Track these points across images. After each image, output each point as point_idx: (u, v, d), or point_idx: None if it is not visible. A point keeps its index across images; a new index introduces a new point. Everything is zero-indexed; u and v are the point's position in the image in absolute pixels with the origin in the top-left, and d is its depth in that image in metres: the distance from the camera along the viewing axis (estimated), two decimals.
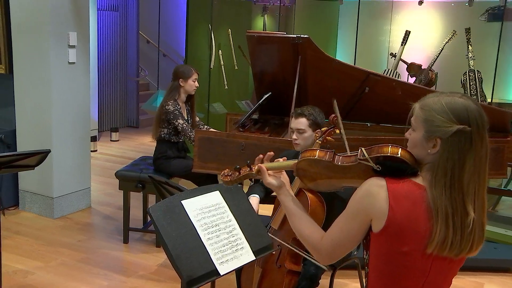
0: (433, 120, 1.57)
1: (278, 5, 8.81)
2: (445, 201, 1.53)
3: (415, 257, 1.57)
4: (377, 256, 1.64)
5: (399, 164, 1.60)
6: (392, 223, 1.55)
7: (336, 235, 1.67)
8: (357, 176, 1.65)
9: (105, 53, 8.97)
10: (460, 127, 1.53)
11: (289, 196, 1.84)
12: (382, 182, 1.58)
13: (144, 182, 4.42)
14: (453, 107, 1.56)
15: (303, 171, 1.78)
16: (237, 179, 1.92)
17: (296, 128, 3.23)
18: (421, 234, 1.55)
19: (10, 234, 4.69)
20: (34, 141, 5.07)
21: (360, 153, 1.63)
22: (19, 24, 5.00)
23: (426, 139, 1.58)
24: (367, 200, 1.59)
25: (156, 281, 3.99)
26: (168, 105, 4.45)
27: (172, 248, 2.10)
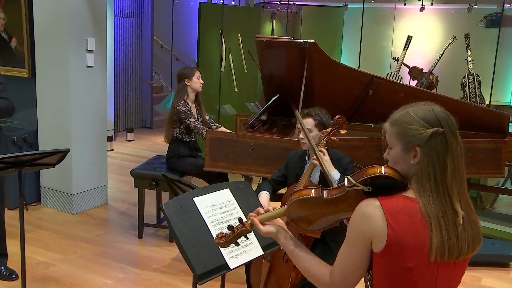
0: (406, 132, 1.55)
1: (285, 11, 8.81)
2: (434, 206, 1.49)
3: (421, 270, 1.51)
4: (382, 275, 1.55)
5: (388, 181, 1.55)
6: (393, 241, 1.48)
7: (343, 265, 1.58)
8: (350, 206, 1.58)
9: (121, 57, 9.00)
10: (434, 130, 1.51)
11: (289, 238, 1.72)
12: (376, 202, 1.51)
13: (157, 180, 4.43)
14: (421, 114, 1.55)
15: (296, 215, 1.67)
16: (232, 238, 1.77)
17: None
18: (422, 246, 1.49)
19: (32, 228, 4.72)
20: (55, 140, 5.09)
21: (347, 181, 1.56)
22: (41, 31, 5.03)
23: (406, 152, 1.55)
24: (364, 223, 1.51)
25: (169, 274, 4.00)
26: (179, 105, 4.46)
27: (184, 243, 2.10)
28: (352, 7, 8.79)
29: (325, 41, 7.69)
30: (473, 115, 4.31)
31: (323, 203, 1.62)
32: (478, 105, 6.14)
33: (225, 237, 1.78)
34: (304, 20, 9.28)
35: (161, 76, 10.08)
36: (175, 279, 3.91)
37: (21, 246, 3.22)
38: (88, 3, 4.97)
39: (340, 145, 3.50)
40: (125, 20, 8.96)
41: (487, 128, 4.36)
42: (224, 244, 1.81)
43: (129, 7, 9.05)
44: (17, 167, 3.12)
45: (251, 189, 2.48)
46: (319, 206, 1.63)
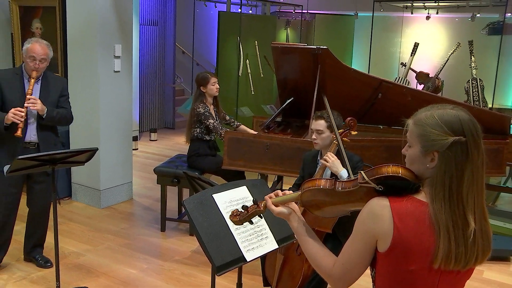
0: (428, 135, 1.42)
1: (299, 19, 8.80)
2: (445, 215, 1.38)
3: (423, 274, 1.42)
4: (384, 275, 1.48)
5: (400, 182, 1.45)
6: (398, 243, 1.40)
7: (346, 259, 1.51)
8: (361, 199, 1.50)
9: (146, 62, 9.04)
10: (456, 139, 1.38)
11: (300, 222, 1.65)
12: (385, 202, 1.42)
13: (179, 177, 4.45)
14: (446, 120, 1.41)
15: (308, 201, 1.62)
16: (246, 217, 1.75)
17: (315, 129, 3.21)
18: (427, 251, 1.39)
19: (64, 220, 4.76)
20: (84, 140, 5.13)
21: (360, 177, 1.48)
22: (73, 39, 5.07)
23: (424, 154, 1.43)
24: (371, 221, 1.43)
25: (189, 265, 4.01)
26: (198, 107, 4.48)
27: (204, 237, 2.11)
28: (362, 16, 8.75)
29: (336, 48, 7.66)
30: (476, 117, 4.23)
31: (335, 194, 1.56)
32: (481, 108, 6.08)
33: (239, 216, 1.77)
34: (317, 28, 9.25)
35: (183, 80, 10.11)
36: (195, 270, 3.92)
37: (54, 237, 3.27)
38: (116, 13, 5.00)
39: (351, 145, 3.48)
40: (149, 28, 9.01)
41: (489, 130, 4.32)
42: (238, 222, 1.79)
43: (153, 16, 9.10)
44: (51, 164, 3.16)
45: (267, 187, 2.48)
46: (331, 196, 1.57)
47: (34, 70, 3.46)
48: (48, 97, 3.60)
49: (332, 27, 9.32)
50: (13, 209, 3.69)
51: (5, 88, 3.50)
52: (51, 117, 3.56)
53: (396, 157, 3.92)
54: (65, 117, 3.70)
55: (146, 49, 8.98)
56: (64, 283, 3.47)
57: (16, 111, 3.33)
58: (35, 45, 3.46)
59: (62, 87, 3.75)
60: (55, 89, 3.68)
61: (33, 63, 3.45)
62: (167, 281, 3.74)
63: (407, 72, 7.47)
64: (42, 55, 3.46)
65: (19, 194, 3.70)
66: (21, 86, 3.53)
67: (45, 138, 3.64)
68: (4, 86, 3.50)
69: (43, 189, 3.76)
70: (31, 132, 3.57)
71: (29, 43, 3.49)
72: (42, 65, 3.50)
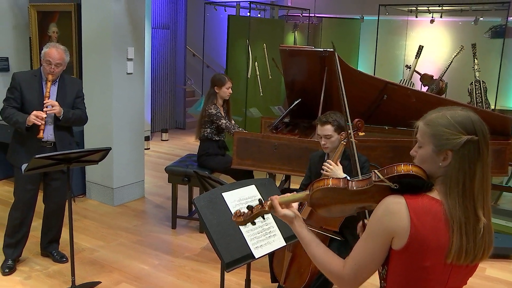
0: (441, 134, 1.43)
1: (307, 23, 8.78)
2: (459, 211, 1.39)
3: (436, 270, 1.42)
4: (397, 272, 1.46)
5: (416, 180, 1.44)
6: (414, 240, 1.39)
7: (359, 258, 1.48)
8: (372, 198, 1.48)
9: (158, 64, 9.07)
10: (469, 137, 1.40)
11: (304, 227, 1.62)
12: (401, 200, 1.41)
13: (189, 176, 4.45)
14: (458, 120, 1.43)
15: (317, 200, 1.57)
16: (250, 218, 1.69)
17: (323, 134, 3.15)
18: (442, 247, 1.40)
19: (79, 217, 4.79)
20: (98, 140, 5.15)
21: (374, 175, 1.47)
22: (88, 42, 5.10)
23: (437, 153, 1.44)
24: (388, 219, 1.41)
25: (199, 261, 4.02)
26: (210, 109, 4.48)
27: (213, 234, 2.11)
28: (368, 19, 8.72)
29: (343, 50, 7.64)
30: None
31: (347, 193, 1.52)
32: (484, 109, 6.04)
33: (243, 216, 1.71)
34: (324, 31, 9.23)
35: (193, 81, 10.13)
36: (205, 267, 3.93)
37: (70, 234, 3.29)
38: (129, 17, 5.02)
39: (358, 145, 3.45)
40: (161, 32, 9.03)
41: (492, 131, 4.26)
42: (241, 223, 1.73)
43: (165, 19, 9.12)
44: (66, 163, 3.18)
45: (275, 186, 2.48)
46: (341, 195, 1.53)
47: (49, 73, 3.50)
48: (64, 99, 3.63)
49: (338, 30, 9.29)
50: (31, 205, 3.72)
51: (25, 89, 3.54)
52: (67, 118, 3.60)
53: (401, 157, 3.90)
54: (80, 118, 3.74)
55: (158, 51, 9.01)
56: (78, 278, 3.48)
57: (37, 113, 3.39)
58: (52, 50, 3.50)
59: (78, 89, 3.78)
60: (71, 91, 3.72)
61: (49, 67, 3.49)
62: (178, 277, 3.74)
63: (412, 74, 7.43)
64: (58, 60, 3.50)
65: (37, 191, 3.74)
66: (39, 88, 3.58)
67: (61, 138, 3.68)
68: (23, 87, 3.54)
69: (59, 186, 3.79)
70: (48, 132, 3.61)
71: (47, 47, 3.53)
72: (58, 70, 3.54)
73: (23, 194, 3.66)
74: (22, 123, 3.42)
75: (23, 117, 3.43)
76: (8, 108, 3.52)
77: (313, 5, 8.86)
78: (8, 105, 3.53)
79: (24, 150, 3.59)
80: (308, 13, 8.63)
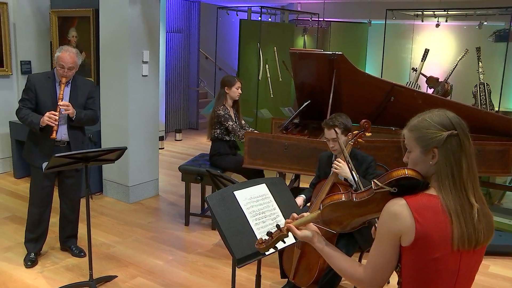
0: (424, 135, 1.52)
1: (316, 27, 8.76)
2: (453, 201, 1.47)
3: (446, 260, 1.48)
4: (410, 266, 1.51)
5: (411, 181, 1.52)
6: (421, 235, 1.45)
7: (374, 261, 1.55)
8: (377, 206, 1.55)
9: (172, 67, 9.10)
10: (449, 132, 1.50)
11: (323, 242, 1.71)
12: (402, 201, 1.48)
13: (202, 175, 4.46)
14: (436, 119, 1.53)
15: (329, 218, 1.64)
16: (271, 243, 1.73)
17: (331, 138, 3.15)
18: (446, 237, 1.46)
19: (96, 214, 4.82)
20: (114, 139, 5.18)
21: (374, 184, 1.54)
22: (105, 45, 5.13)
23: (425, 154, 1.53)
24: (393, 220, 1.48)
25: (211, 257, 4.02)
26: (219, 110, 4.48)
27: (225, 231, 2.10)
28: (375, 23, 8.68)
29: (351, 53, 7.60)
30: (484, 120, 4.21)
31: (353, 206, 1.59)
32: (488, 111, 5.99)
33: (265, 243, 1.74)
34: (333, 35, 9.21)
35: (206, 83, 10.15)
36: (217, 262, 3.93)
37: (87, 229, 3.31)
38: (144, 22, 5.04)
39: (365, 146, 3.45)
40: (175, 35, 9.06)
41: (496, 132, 4.25)
42: (264, 249, 1.76)
43: (179, 24, 9.15)
44: (84, 162, 3.20)
45: (285, 185, 2.47)
46: (349, 208, 1.60)
47: (63, 76, 3.52)
48: (77, 99, 3.65)
49: (347, 34, 9.26)
50: (48, 202, 3.76)
51: (39, 91, 3.57)
52: (80, 118, 3.63)
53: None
54: (92, 118, 3.76)
55: (172, 54, 9.04)
56: (96, 272, 3.50)
57: (50, 114, 3.41)
58: (65, 54, 3.51)
59: (89, 90, 3.79)
60: (84, 92, 3.73)
61: (62, 70, 3.51)
62: (191, 272, 3.75)
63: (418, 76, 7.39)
64: (70, 63, 3.52)
65: (52, 187, 3.77)
66: (53, 89, 3.60)
67: (74, 137, 3.70)
68: (38, 88, 3.57)
69: (73, 183, 3.83)
70: (62, 132, 3.63)
71: (59, 51, 3.55)
72: (70, 72, 3.56)
73: (39, 191, 3.69)
74: (36, 123, 3.45)
75: (37, 118, 3.46)
76: (24, 108, 3.55)
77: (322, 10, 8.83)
78: (24, 105, 3.56)
79: (38, 149, 3.62)
80: (317, 18, 8.61)
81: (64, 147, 3.67)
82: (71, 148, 3.66)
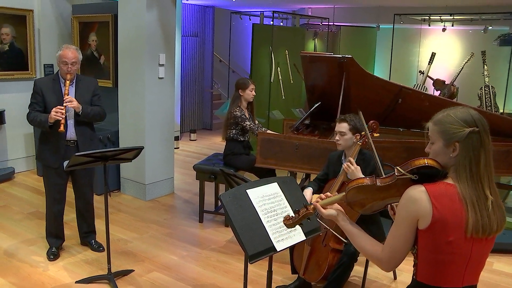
0: (448, 129, 1.58)
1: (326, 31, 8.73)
2: (469, 191, 1.53)
3: (459, 244, 1.54)
4: (425, 248, 1.58)
5: (431, 170, 1.58)
6: (437, 219, 1.51)
7: (392, 242, 1.62)
8: (398, 191, 1.61)
9: (187, 70, 9.12)
10: (471, 129, 1.54)
11: (347, 221, 1.77)
12: (421, 188, 1.54)
13: (216, 174, 4.45)
14: (460, 116, 1.58)
15: (353, 200, 1.71)
16: (297, 220, 1.81)
17: (338, 131, 3.19)
18: (460, 223, 1.52)
19: (114, 211, 4.84)
20: (132, 139, 5.20)
21: (397, 171, 1.61)
22: (123, 49, 5.15)
23: (446, 146, 1.58)
24: (412, 205, 1.54)
25: (224, 253, 4.02)
26: (235, 111, 4.48)
27: (238, 228, 2.10)
28: (383, 28, 8.64)
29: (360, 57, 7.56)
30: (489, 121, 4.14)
31: (376, 190, 1.66)
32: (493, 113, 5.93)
33: (292, 219, 1.81)
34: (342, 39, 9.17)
35: (220, 85, 10.17)
36: (230, 258, 3.93)
37: (106, 225, 3.33)
38: (161, 26, 5.06)
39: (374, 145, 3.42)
40: (190, 39, 9.09)
41: (500, 133, 4.20)
42: (290, 225, 1.84)
43: (194, 28, 9.18)
44: (103, 161, 3.22)
45: (296, 183, 2.46)
46: (372, 192, 1.67)
47: (67, 73, 3.53)
48: (82, 97, 3.65)
49: (356, 38, 9.22)
50: (61, 199, 3.77)
51: (46, 93, 3.58)
52: (86, 113, 3.62)
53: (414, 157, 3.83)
54: (99, 113, 3.74)
55: (187, 58, 9.06)
56: (114, 266, 3.52)
57: (57, 109, 3.42)
58: (66, 51, 3.52)
59: (94, 87, 3.78)
60: (88, 90, 3.73)
61: (66, 67, 3.52)
62: (204, 267, 3.75)
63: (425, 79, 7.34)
64: (72, 59, 3.53)
65: (65, 185, 3.78)
66: (58, 90, 3.60)
67: (82, 134, 3.69)
68: (44, 91, 3.58)
69: (84, 184, 3.84)
70: (70, 130, 3.63)
71: (60, 50, 3.56)
72: (74, 68, 3.56)
73: (52, 189, 3.71)
74: (45, 121, 3.47)
75: (45, 116, 3.48)
76: (32, 112, 3.56)
77: (332, 15, 8.80)
78: (32, 109, 3.57)
79: (49, 150, 3.63)
80: (328, 22, 8.58)
81: (74, 146, 3.66)
82: (79, 147, 3.65)
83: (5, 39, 5.61)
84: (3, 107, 5.68)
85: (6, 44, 5.63)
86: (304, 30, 8.56)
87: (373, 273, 3.66)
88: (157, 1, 4.96)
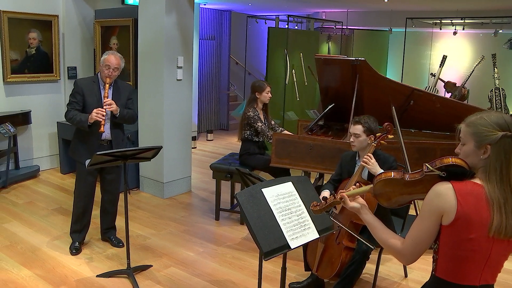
0: (481, 132, 1.56)
1: (340, 34, 8.68)
2: (497, 193, 1.51)
3: (480, 242, 1.53)
4: (447, 244, 1.57)
5: (459, 169, 1.58)
6: (461, 216, 1.51)
7: (415, 235, 1.61)
8: (424, 187, 1.61)
9: (204, 72, 9.14)
10: (504, 133, 1.53)
11: (369, 214, 1.79)
12: (448, 185, 1.54)
13: (232, 173, 4.45)
14: (493, 120, 1.56)
15: (380, 192, 1.71)
16: (324, 207, 1.86)
17: (353, 132, 3.16)
18: (484, 222, 1.51)
19: (133, 208, 4.87)
20: (151, 139, 5.23)
21: (425, 167, 1.60)
22: (143, 52, 5.18)
23: (478, 148, 1.56)
24: (438, 199, 1.54)
25: (240, 250, 4.02)
26: (249, 112, 4.47)
27: (253, 226, 2.09)
28: (396, 31, 8.56)
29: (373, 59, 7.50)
30: None
31: (403, 184, 1.65)
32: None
33: (319, 206, 1.87)
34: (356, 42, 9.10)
35: (236, 87, 10.18)
36: (245, 255, 3.92)
37: (125, 222, 3.35)
38: (179, 30, 5.08)
39: (386, 147, 3.39)
40: (207, 42, 9.11)
41: None
42: (317, 211, 1.90)
43: (211, 31, 9.20)
44: (123, 159, 3.24)
45: (309, 183, 2.44)
46: (399, 186, 1.66)
47: (108, 77, 3.59)
48: (119, 100, 3.72)
49: (369, 41, 9.14)
50: (91, 196, 3.82)
51: (86, 93, 3.65)
52: (123, 115, 3.71)
53: (426, 158, 3.78)
54: (132, 116, 3.84)
55: (204, 60, 9.08)
56: (133, 261, 3.54)
57: (98, 110, 3.50)
58: (111, 56, 3.60)
59: (129, 92, 3.87)
60: (124, 93, 3.80)
61: (108, 71, 3.58)
62: (220, 264, 3.75)
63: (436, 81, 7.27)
64: (115, 64, 3.60)
65: (95, 182, 3.83)
66: (98, 91, 3.68)
67: (116, 136, 3.78)
68: (85, 91, 3.65)
69: (113, 179, 3.88)
70: (106, 131, 3.70)
71: (106, 54, 3.65)
72: (114, 73, 3.63)
73: (84, 186, 3.76)
74: (85, 121, 3.53)
75: (85, 116, 3.55)
76: (72, 110, 3.62)
77: (346, 18, 8.74)
78: (72, 108, 3.63)
79: (84, 147, 3.69)
80: (341, 26, 8.53)
81: (107, 145, 3.74)
82: (112, 146, 3.73)
83: (32, 43, 5.69)
84: (30, 108, 5.76)
85: (33, 48, 5.71)
86: (318, 33, 8.52)
87: (385, 271, 3.62)
88: (175, 6, 4.98)
